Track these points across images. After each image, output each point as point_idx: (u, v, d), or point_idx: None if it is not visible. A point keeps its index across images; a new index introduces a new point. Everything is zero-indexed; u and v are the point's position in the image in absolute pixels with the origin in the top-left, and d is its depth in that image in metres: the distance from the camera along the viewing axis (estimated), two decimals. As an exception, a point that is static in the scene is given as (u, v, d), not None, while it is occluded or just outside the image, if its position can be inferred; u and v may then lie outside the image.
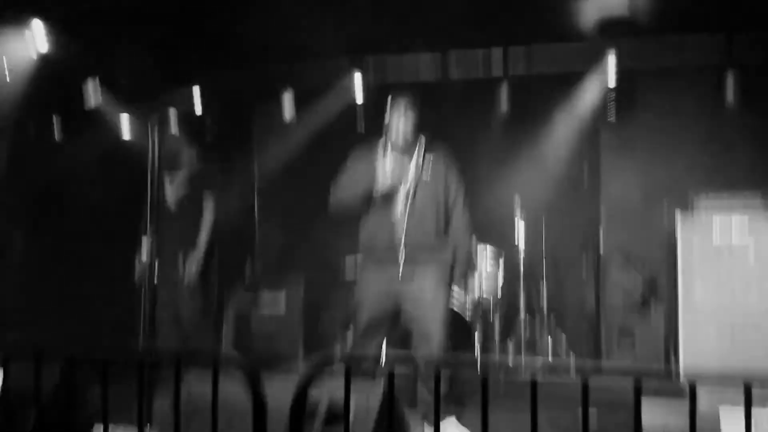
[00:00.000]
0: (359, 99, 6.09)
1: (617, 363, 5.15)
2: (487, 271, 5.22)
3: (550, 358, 5.36)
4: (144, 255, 3.49)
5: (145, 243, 3.48)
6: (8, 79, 4.83)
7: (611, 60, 5.49)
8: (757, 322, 4.85)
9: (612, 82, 5.59)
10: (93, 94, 5.50)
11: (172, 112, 3.71)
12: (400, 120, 3.66)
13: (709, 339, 4.95)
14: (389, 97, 3.74)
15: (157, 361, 2.73)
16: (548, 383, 1.91)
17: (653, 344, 5.21)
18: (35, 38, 4.95)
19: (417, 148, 3.76)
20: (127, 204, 4.76)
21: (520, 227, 5.49)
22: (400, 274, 3.64)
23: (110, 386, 2.18)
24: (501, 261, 5.58)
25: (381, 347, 3.81)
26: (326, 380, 2.06)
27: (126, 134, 5.77)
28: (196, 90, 6.23)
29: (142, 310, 3.62)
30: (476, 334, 5.16)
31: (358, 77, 5.96)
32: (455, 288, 3.74)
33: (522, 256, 5.50)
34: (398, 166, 3.66)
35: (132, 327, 4.19)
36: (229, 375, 2.16)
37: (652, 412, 2.26)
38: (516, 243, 5.50)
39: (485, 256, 5.28)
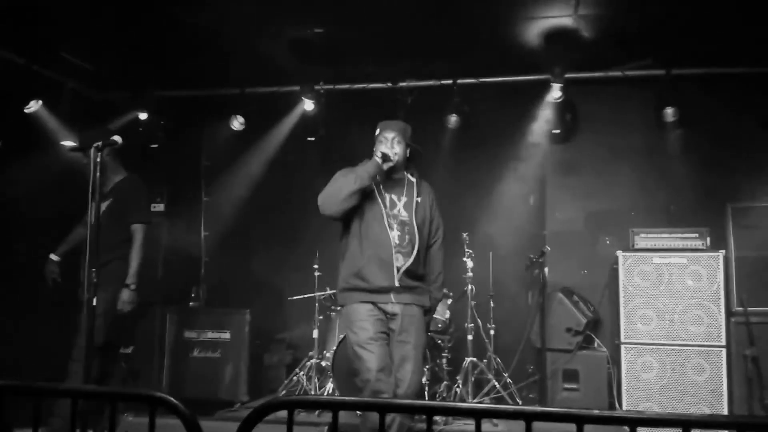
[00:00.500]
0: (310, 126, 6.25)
1: (561, 408, 5.16)
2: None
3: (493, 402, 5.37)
4: (85, 286, 3.34)
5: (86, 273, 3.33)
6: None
7: (556, 86, 5.62)
8: (697, 357, 4.98)
9: (554, 100, 5.74)
10: (36, 114, 5.35)
11: (117, 138, 3.60)
12: (388, 144, 3.65)
13: (651, 376, 5.05)
14: (378, 128, 3.74)
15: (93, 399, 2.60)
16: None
17: (597, 382, 5.26)
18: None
19: (408, 175, 3.77)
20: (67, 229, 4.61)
21: (467, 265, 5.54)
22: (393, 309, 3.54)
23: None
24: (448, 300, 5.63)
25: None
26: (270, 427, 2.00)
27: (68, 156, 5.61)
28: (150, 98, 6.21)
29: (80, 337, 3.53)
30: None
31: (309, 105, 6.01)
32: (447, 315, 3.73)
33: (470, 293, 5.55)
34: (391, 187, 3.67)
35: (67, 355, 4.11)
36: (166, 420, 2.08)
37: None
38: (466, 284, 5.55)
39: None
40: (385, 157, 3.59)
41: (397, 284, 3.53)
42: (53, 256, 4.50)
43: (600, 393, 5.25)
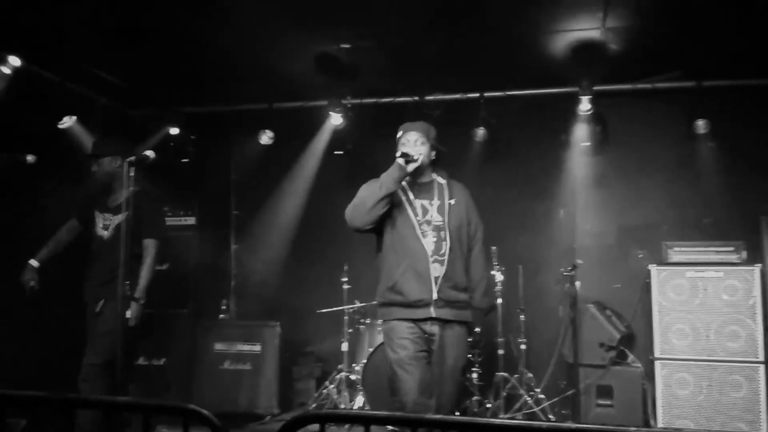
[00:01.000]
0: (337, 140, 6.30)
1: (595, 425, 5.08)
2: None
3: (525, 418, 5.29)
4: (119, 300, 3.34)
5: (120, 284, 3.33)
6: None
7: (584, 98, 5.59)
8: (734, 373, 4.87)
9: (585, 112, 5.68)
10: (70, 130, 5.43)
11: (149, 153, 3.61)
12: (410, 145, 3.50)
13: (686, 392, 4.95)
14: (400, 131, 3.60)
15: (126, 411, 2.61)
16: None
17: (631, 398, 5.16)
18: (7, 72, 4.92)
19: (437, 177, 3.61)
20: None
21: (497, 278, 5.50)
22: (432, 329, 3.42)
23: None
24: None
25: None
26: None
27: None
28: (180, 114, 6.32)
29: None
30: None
31: (337, 119, 6.05)
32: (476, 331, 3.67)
33: (500, 309, 5.50)
34: (420, 191, 3.52)
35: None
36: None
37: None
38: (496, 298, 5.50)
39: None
40: (407, 157, 3.40)
41: (435, 296, 3.40)
42: (33, 262, 4.33)
43: (635, 410, 5.14)
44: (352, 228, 3.49)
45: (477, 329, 5.15)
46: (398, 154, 3.42)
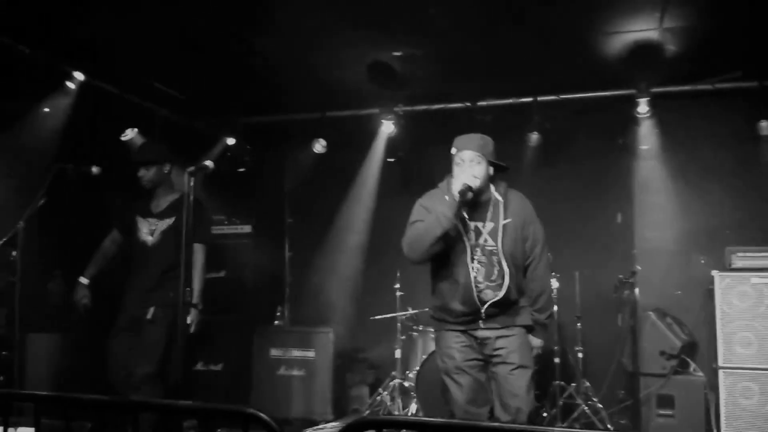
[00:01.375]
0: (390, 148, 6.35)
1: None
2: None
3: (583, 427, 5.19)
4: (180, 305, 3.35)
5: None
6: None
7: (642, 100, 5.49)
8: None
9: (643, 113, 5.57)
10: (132, 142, 5.49)
11: (208, 163, 3.64)
12: (465, 169, 3.30)
13: (751, 402, 4.77)
14: (454, 148, 3.40)
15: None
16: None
17: (693, 408, 5.01)
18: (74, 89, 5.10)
19: (495, 193, 3.43)
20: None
21: (553, 285, 5.41)
22: (485, 333, 3.34)
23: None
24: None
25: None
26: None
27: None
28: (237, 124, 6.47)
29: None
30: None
31: (389, 126, 6.08)
32: (536, 343, 3.48)
33: (556, 317, 5.41)
34: (475, 210, 3.36)
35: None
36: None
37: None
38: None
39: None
40: (464, 192, 3.21)
41: (483, 315, 3.33)
42: (83, 280, 4.36)
43: (697, 420, 4.99)
44: (410, 261, 3.41)
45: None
46: (455, 193, 3.22)
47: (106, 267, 4.50)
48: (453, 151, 3.39)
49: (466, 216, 3.35)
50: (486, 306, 3.31)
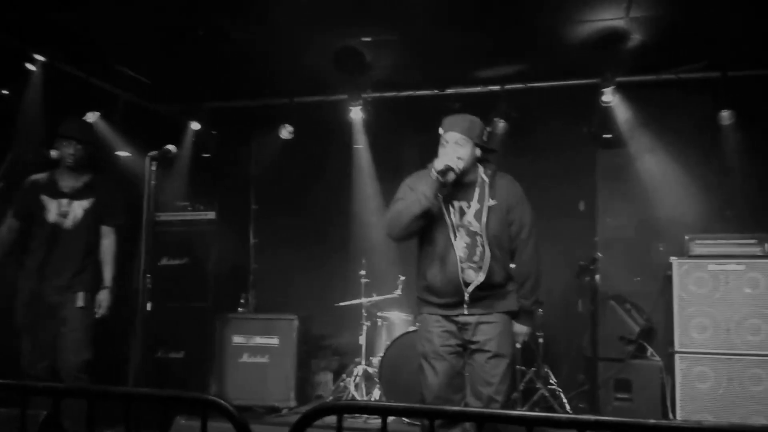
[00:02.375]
0: (357, 134, 6.30)
1: (615, 418, 5.04)
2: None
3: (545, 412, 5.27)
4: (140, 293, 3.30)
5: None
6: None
7: (607, 90, 5.53)
8: (755, 367, 4.81)
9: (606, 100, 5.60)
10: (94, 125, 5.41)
11: (170, 147, 3.56)
12: (448, 151, 3.30)
13: (706, 386, 4.90)
14: (442, 124, 3.41)
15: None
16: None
17: (650, 392, 5.13)
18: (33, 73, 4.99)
19: (482, 174, 3.43)
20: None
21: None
22: (466, 319, 3.31)
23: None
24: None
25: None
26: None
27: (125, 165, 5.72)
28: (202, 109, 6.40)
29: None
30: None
31: (357, 113, 6.04)
32: (521, 330, 3.45)
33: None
34: (460, 191, 3.36)
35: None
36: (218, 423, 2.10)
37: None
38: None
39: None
40: (444, 173, 3.22)
41: (467, 299, 3.30)
42: None
43: (653, 403, 5.10)
44: (391, 239, 3.45)
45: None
46: (432, 173, 3.23)
47: (4, 258, 4.25)
48: (440, 131, 3.41)
49: (449, 196, 3.35)
50: (470, 289, 3.29)
